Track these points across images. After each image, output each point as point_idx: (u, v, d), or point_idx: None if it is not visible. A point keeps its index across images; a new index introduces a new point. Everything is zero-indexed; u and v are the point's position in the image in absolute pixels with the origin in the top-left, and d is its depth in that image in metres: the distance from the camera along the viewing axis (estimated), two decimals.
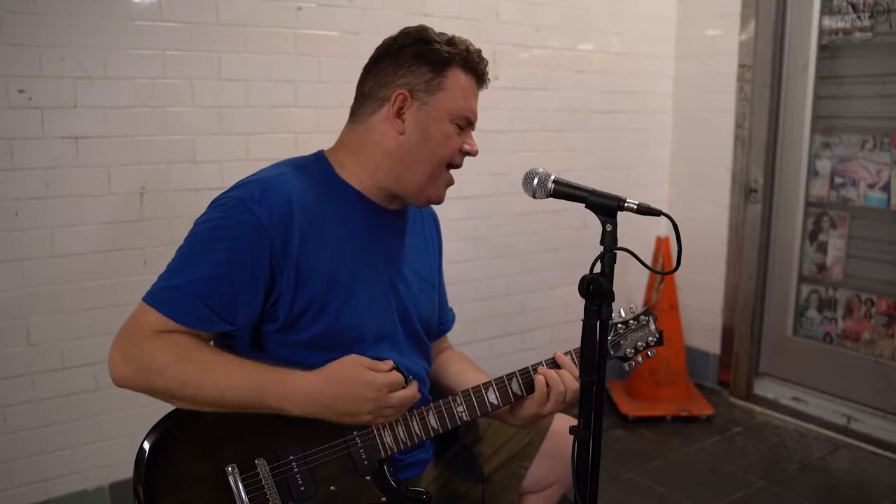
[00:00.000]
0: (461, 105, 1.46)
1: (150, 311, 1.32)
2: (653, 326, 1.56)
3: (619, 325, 1.54)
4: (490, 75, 1.55)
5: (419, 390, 1.55)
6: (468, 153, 1.51)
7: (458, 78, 1.45)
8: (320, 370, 1.36)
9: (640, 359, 1.55)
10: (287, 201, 1.38)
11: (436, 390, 1.69)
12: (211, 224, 1.36)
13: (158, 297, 1.33)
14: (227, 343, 1.45)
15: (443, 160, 1.47)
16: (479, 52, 1.49)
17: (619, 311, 1.55)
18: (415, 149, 1.45)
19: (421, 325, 1.59)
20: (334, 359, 1.41)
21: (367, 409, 1.36)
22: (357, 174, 1.48)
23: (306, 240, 1.38)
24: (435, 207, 1.68)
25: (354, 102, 1.52)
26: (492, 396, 1.47)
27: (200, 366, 1.31)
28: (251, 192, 1.37)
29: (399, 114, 1.44)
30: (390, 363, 1.41)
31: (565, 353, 1.50)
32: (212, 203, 1.41)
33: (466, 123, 1.49)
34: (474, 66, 1.47)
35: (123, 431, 2.43)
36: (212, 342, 1.42)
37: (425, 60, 1.44)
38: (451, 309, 1.80)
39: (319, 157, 1.51)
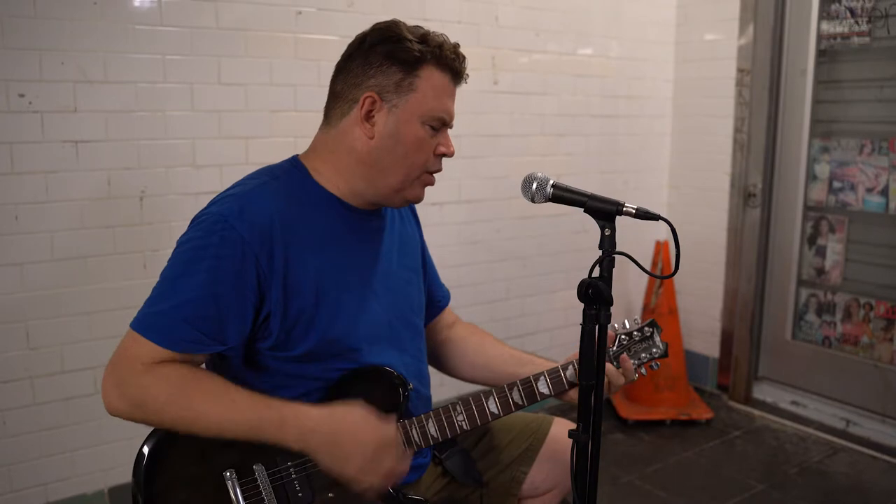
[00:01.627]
0: (433, 106, 1.40)
1: (139, 339, 1.29)
2: (657, 339, 1.55)
3: (624, 337, 1.52)
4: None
5: (420, 392, 1.55)
6: (444, 155, 1.45)
7: (431, 77, 1.39)
8: (325, 405, 1.34)
9: (643, 371, 1.54)
10: (268, 215, 1.35)
11: (455, 368, 1.73)
12: (192, 244, 1.33)
13: (146, 323, 1.30)
14: (221, 362, 1.42)
15: (416, 164, 1.42)
16: (454, 48, 1.41)
17: (625, 323, 1.55)
18: (386, 153, 1.40)
19: (416, 315, 1.59)
20: (336, 368, 1.42)
21: (361, 460, 1.32)
22: (333, 179, 1.45)
23: (290, 252, 1.36)
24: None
25: (327, 102, 1.47)
26: (492, 406, 1.46)
27: (195, 404, 1.28)
28: (230, 208, 1.34)
29: (368, 117, 1.39)
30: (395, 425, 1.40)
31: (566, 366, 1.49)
32: (192, 221, 1.38)
33: (441, 124, 1.42)
34: (449, 63, 1.40)
35: (123, 435, 2.42)
36: (203, 365, 1.40)
37: (395, 60, 1.37)
38: (443, 286, 1.78)
39: (295, 163, 1.48)
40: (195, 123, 2.45)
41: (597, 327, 1.25)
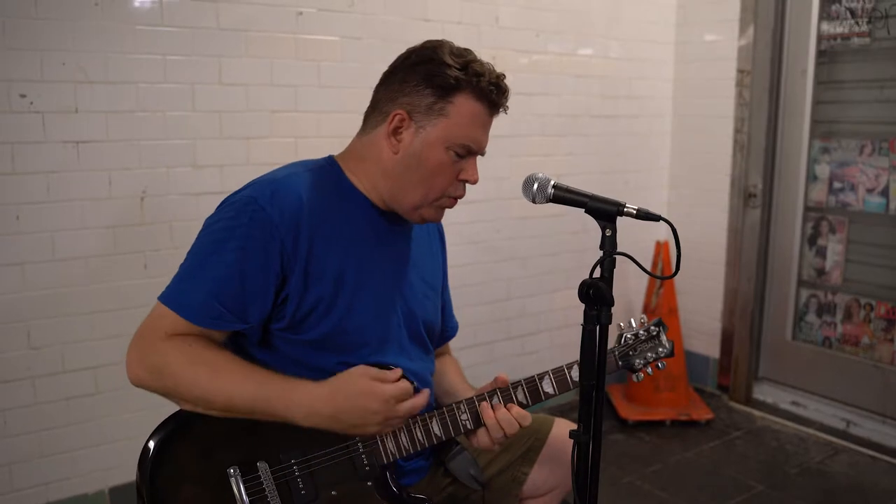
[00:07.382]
0: (462, 133, 1.42)
1: (165, 311, 1.34)
2: (664, 338, 1.56)
3: (629, 337, 1.53)
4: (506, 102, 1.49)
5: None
6: (466, 181, 1.48)
7: (464, 105, 1.41)
8: (327, 382, 1.36)
9: (649, 370, 1.55)
10: (298, 201, 1.39)
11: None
12: (222, 224, 1.37)
13: (173, 297, 1.35)
14: (236, 341, 1.45)
15: (435, 187, 1.45)
16: (496, 79, 1.43)
17: (630, 323, 1.55)
18: (407, 171, 1.44)
19: (425, 328, 1.60)
20: (341, 362, 1.42)
21: (375, 421, 1.36)
22: (363, 182, 1.49)
23: (315, 240, 1.40)
24: None
25: (367, 109, 1.51)
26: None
27: (210, 371, 1.33)
28: (262, 191, 1.38)
29: (396, 132, 1.43)
30: (399, 371, 1.41)
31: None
32: (222, 202, 1.42)
33: (466, 152, 1.45)
34: (486, 94, 1.42)
35: (123, 435, 2.43)
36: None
37: (431, 84, 1.40)
38: (454, 317, 1.80)
39: (331, 161, 1.52)
40: (196, 124, 2.45)
41: (598, 327, 1.25)
